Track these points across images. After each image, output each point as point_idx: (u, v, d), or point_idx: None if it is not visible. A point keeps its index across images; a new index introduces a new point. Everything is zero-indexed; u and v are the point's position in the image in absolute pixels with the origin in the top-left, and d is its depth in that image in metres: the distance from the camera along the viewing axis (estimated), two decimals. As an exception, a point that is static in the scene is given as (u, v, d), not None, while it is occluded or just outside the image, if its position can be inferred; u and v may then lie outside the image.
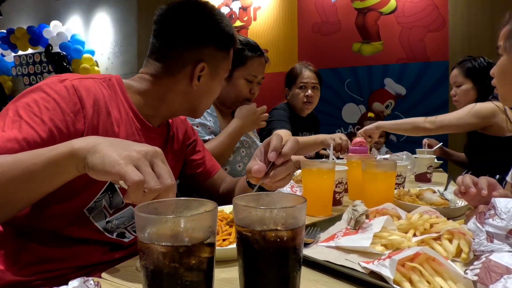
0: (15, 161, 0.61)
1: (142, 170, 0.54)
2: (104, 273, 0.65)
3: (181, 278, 0.43)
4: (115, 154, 0.55)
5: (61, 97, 0.77)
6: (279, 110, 2.29)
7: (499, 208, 0.65)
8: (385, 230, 0.77)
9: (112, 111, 0.86)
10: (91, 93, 0.83)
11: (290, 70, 2.40)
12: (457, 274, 0.57)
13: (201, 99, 1.01)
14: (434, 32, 3.70)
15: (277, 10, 4.41)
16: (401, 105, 3.84)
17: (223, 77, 1.04)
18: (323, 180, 1.08)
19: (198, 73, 0.95)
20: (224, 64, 1.02)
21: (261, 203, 0.54)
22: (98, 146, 0.57)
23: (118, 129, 0.87)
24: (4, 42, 6.24)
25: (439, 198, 1.12)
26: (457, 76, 2.25)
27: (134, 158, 0.55)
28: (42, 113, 0.74)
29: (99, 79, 0.89)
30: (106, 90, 0.88)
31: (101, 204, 0.85)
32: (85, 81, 0.84)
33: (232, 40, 1.01)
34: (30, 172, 0.60)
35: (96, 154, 0.56)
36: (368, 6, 3.95)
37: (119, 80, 0.94)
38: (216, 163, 1.24)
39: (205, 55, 0.96)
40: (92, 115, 0.81)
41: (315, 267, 0.67)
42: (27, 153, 0.63)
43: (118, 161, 0.54)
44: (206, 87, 1.00)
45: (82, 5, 5.93)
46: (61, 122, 0.75)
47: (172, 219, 0.45)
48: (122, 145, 0.58)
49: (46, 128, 0.73)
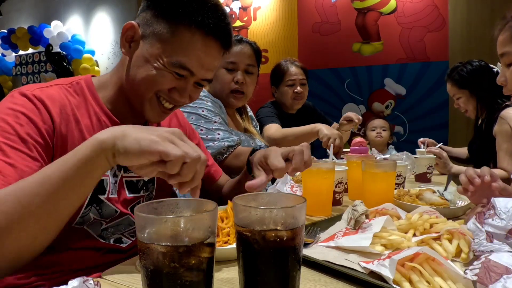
0: (42, 178, 0.59)
1: (179, 145, 0.57)
2: (104, 273, 0.65)
3: (181, 278, 0.43)
4: (148, 135, 0.57)
5: (28, 109, 0.74)
6: (264, 108, 2.25)
7: (498, 208, 0.65)
8: (385, 230, 0.77)
9: (81, 118, 0.82)
10: (56, 101, 0.79)
11: (276, 68, 2.33)
12: (456, 274, 0.57)
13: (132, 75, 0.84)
14: (434, 32, 3.70)
15: (277, 10, 4.41)
16: (401, 105, 3.84)
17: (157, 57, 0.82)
18: (323, 180, 1.08)
19: (125, 32, 0.84)
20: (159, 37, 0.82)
21: (261, 203, 0.54)
22: (126, 131, 0.58)
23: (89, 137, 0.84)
24: (5, 42, 6.24)
25: (439, 198, 1.12)
26: (452, 90, 2.26)
27: (168, 136, 0.58)
28: (17, 131, 0.71)
29: (65, 85, 0.85)
30: (72, 96, 0.84)
31: (89, 218, 0.83)
32: (47, 90, 0.80)
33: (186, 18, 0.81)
34: (64, 183, 0.58)
35: (127, 138, 0.57)
36: (368, 6, 3.95)
37: (88, 81, 0.88)
38: (219, 167, 1.21)
39: (142, 19, 0.85)
40: (59, 124, 0.78)
41: (315, 267, 0.67)
42: (48, 167, 0.61)
43: (155, 140, 0.56)
44: (136, 58, 0.84)
45: (82, 5, 5.93)
46: (36, 135, 0.73)
47: (172, 219, 0.45)
48: (147, 129, 0.60)
49: (30, 145, 0.71)
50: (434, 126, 3.65)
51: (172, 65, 0.82)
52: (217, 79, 1.57)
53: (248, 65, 1.59)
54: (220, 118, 1.50)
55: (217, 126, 1.45)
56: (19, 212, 0.57)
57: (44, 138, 0.74)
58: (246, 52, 1.58)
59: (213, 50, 0.86)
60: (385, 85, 3.90)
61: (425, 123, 3.69)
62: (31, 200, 0.57)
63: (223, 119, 1.52)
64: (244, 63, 1.58)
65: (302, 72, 2.28)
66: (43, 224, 0.59)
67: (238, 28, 4.62)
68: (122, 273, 0.65)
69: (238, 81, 1.57)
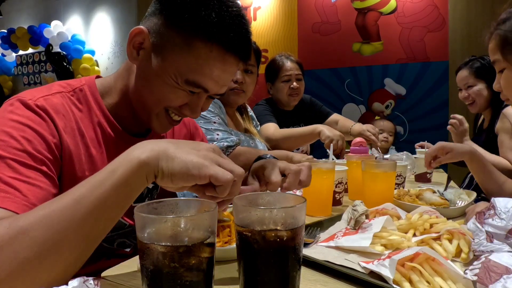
0: (75, 201, 0.53)
1: (224, 164, 0.57)
2: (104, 273, 0.65)
3: (181, 278, 0.43)
4: (194, 157, 0.55)
5: (35, 122, 0.69)
6: (259, 106, 2.19)
7: (498, 208, 0.65)
8: (385, 230, 0.77)
9: (85, 131, 0.77)
10: (60, 113, 0.74)
11: (271, 63, 2.24)
12: (456, 274, 0.57)
13: (139, 86, 0.80)
14: (434, 32, 3.70)
15: (277, 10, 4.41)
16: (401, 105, 3.84)
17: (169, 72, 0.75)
18: (323, 180, 1.08)
19: (133, 37, 0.77)
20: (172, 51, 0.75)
21: (261, 203, 0.54)
22: (169, 151, 0.55)
23: (96, 151, 0.78)
24: (5, 42, 6.25)
25: (439, 198, 1.12)
26: (467, 77, 2.17)
27: (213, 157, 0.57)
28: (25, 146, 0.65)
29: (68, 93, 0.78)
30: (76, 107, 0.78)
31: None
32: (51, 99, 0.74)
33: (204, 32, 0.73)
34: (101, 206, 0.54)
35: (174, 160, 0.54)
36: (368, 6, 3.95)
37: (92, 88, 0.82)
38: None
39: (153, 25, 0.77)
40: (66, 138, 0.73)
41: (315, 267, 0.67)
42: (79, 189, 0.55)
43: (204, 163, 0.54)
44: (146, 69, 0.78)
45: (82, 5, 5.93)
46: (46, 150, 0.68)
47: (172, 219, 0.45)
48: (188, 146, 0.57)
49: (39, 161, 0.66)
50: (434, 126, 3.65)
51: (186, 83, 0.76)
52: None
53: (248, 65, 1.59)
54: (220, 118, 1.50)
55: (216, 126, 1.45)
56: (52, 239, 0.51)
57: (53, 153, 0.69)
58: None
59: (232, 67, 0.78)
60: (385, 85, 3.90)
61: (425, 123, 3.70)
62: (66, 225, 0.52)
63: (222, 120, 1.52)
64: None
65: (298, 67, 2.20)
66: (78, 251, 0.54)
67: (238, 28, 4.62)
68: (122, 273, 0.65)
69: (238, 81, 1.57)
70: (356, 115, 4.00)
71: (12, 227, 0.51)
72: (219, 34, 0.73)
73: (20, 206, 0.59)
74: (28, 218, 0.52)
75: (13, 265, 0.49)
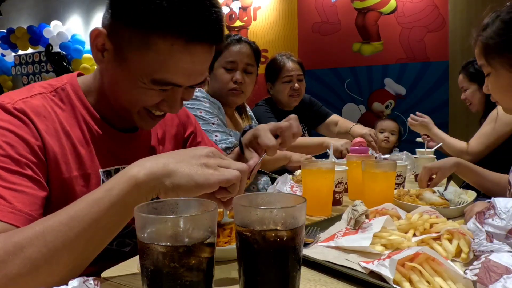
0: (71, 219, 0.53)
1: (228, 165, 0.58)
2: (104, 273, 0.65)
3: (181, 278, 0.43)
4: (198, 168, 0.56)
5: (16, 126, 0.66)
6: (259, 107, 2.17)
7: (498, 208, 0.65)
8: (385, 230, 0.77)
9: (71, 131, 0.75)
10: (41, 115, 0.71)
11: (271, 63, 2.20)
12: (456, 274, 0.57)
13: (111, 90, 0.78)
14: (434, 32, 3.70)
15: (277, 10, 4.41)
16: (401, 105, 3.84)
17: (135, 74, 0.71)
18: (323, 180, 1.08)
19: (94, 39, 0.72)
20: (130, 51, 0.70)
21: (261, 203, 0.54)
22: (170, 167, 0.55)
23: (84, 150, 0.76)
24: (4, 42, 6.24)
25: (439, 198, 1.12)
26: (462, 81, 2.36)
27: (214, 162, 0.58)
28: (7, 151, 0.63)
29: (49, 94, 0.75)
30: (58, 107, 0.75)
31: None
32: (31, 101, 0.71)
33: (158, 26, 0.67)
34: (97, 225, 0.53)
35: (176, 175, 0.54)
36: (368, 6, 3.95)
37: (75, 86, 0.79)
38: None
39: (108, 25, 0.72)
40: (49, 141, 0.70)
41: (315, 267, 0.67)
42: (75, 206, 0.54)
43: (209, 172, 0.56)
44: (113, 72, 0.74)
45: (82, 5, 5.93)
46: (29, 153, 0.66)
47: (172, 219, 0.45)
48: (187, 155, 0.58)
49: (23, 165, 0.64)
50: (434, 126, 3.65)
51: (154, 83, 0.71)
52: (216, 79, 1.58)
53: (247, 65, 1.59)
54: (219, 119, 1.50)
55: (215, 128, 1.46)
56: (46, 256, 0.51)
57: (37, 155, 0.67)
58: (245, 52, 1.58)
59: (200, 55, 0.72)
60: (385, 85, 3.90)
61: (425, 123, 3.69)
62: (60, 243, 0.51)
63: (221, 120, 1.52)
64: (243, 62, 1.57)
65: (299, 67, 2.17)
66: (71, 267, 0.53)
67: (238, 28, 4.63)
68: (122, 273, 0.65)
69: (237, 81, 1.56)
70: (356, 115, 4.00)
71: (7, 242, 0.51)
72: (176, 25, 0.67)
73: (6, 214, 0.58)
74: (23, 234, 0.52)
75: (4, 280, 0.49)
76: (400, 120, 3.81)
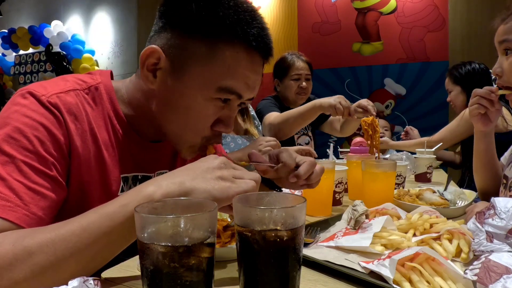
0: (82, 230, 0.53)
1: (242, 175, 0.59)
2: (104, 273, 0.64)
3: (180, 278, 0.43)
4: (214, 183, 0.56)
5: (49, 121, 0.66)
6: (264, 100, 2.17)
7: (498, 208, 0.65)
8: (385, 230, 0.77)
9: (98, 132, 0.73)
10: (72, 114, 0.70)
11: (281, 60, 2.23)
12: (456, 274, 0.57)
13: (163, 112, 0.75)
14: (434, 32, 3.70)
15: (277, 10, 4.41)
16: (401, 105, 3.84)
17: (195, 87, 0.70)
18: (323, 180, 1.08)
19: (145, 59, 0.71)
20: (197, 62, 0.69)
21: (261, 203, 0.54)
22: (186, 185, 0.55)
23: (108, 154, 0.75)
24: (6, 42, 6.25)
25: (439, 198, 1.13)
26: (447, 84, 2.50)
27: (229, 174, 0.58)
28: (37, 148, 0.62)
29: (82, 91, 0.74)
30: (90, 106, 0.74)
31: None
32: (65, 97, 0.70)
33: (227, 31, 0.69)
34: (108, 239, 0.53)
35: (193, 193, 0.54)
36: (368, 6, 3.95)
37: (108, 87, 0.77)
38: None
39: (166, 42, 0.71)
40: (76, 140, 0.69)
41: (315, 267, 0.67)
42: (87, 217, 0.54)
43: (225, 185, 0.56)
44: (168, 92, 0.72)
45: (82, 5, 5.93)
46: (57, 151, 0.65)
47: (172, 219, 0.45)
48: (199, 171, 0.57)
49: (50, 164, 0.64)
50: (434, 126, 3.62)
51: (219, 91, 0.70)
52: None
53: None
54: None
55: None
56: (54, 265, 0.51)
57: (63, 154, 0.67)
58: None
59: (257, 65, 0.73)
60: (385, 85, 3.90)
61: (425, 123, 3.69)
62: (69, 253, 0.52)
63: None
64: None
65: (308, 67, 2.21)
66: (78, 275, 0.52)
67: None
68: (122, 273, 0.65)
69: None
70: (356, 115, 4.00)
71: (16, 245, 0.51)
72: (242, 32, 0.69)
73: (21, 216, 0.58)
74: (34, 239, 0.52)
75: (9, 283, 0.50)
76: (400, 120, 3.82)
